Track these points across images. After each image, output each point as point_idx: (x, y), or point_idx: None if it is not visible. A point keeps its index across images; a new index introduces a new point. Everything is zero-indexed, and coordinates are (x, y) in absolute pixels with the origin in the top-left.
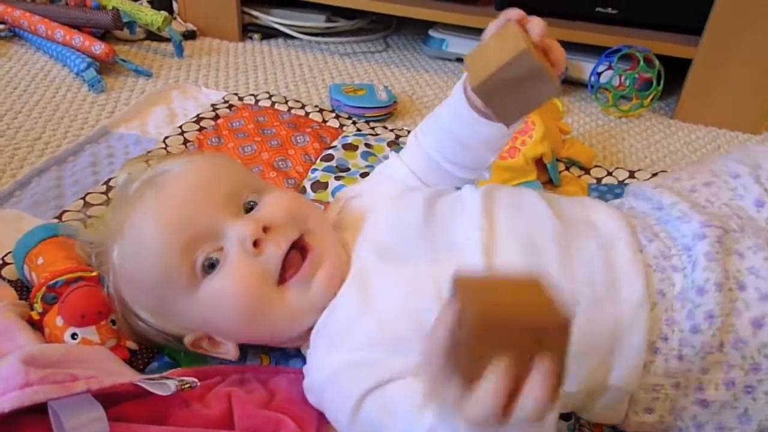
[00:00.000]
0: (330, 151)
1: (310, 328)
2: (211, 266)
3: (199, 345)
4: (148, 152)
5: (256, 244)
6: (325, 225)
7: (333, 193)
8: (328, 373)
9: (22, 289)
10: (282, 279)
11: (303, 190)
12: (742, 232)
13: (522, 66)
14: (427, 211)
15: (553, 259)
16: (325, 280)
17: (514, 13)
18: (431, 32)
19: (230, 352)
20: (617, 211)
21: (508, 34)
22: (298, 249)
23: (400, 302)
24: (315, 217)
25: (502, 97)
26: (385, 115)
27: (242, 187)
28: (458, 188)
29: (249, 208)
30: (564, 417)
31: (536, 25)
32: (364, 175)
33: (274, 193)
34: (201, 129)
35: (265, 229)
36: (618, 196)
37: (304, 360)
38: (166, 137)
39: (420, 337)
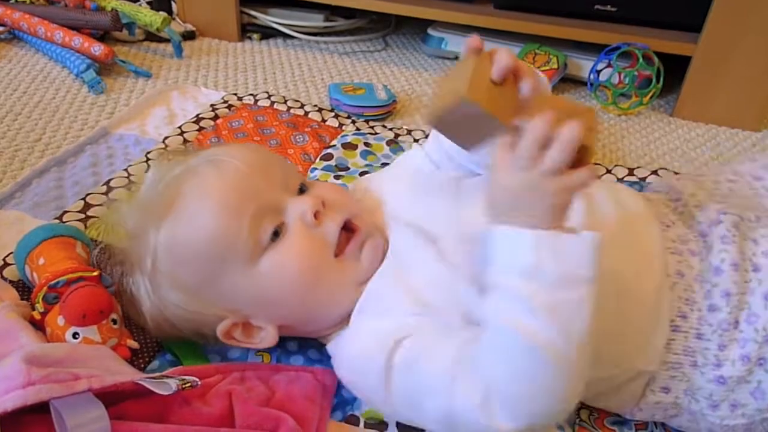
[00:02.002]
0: (329, 151)
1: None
2: (273, 237)
3: (231, 335)
4: (161, 149)
5: (315, 216)
6: (366, 212)
7: None
8: (358, 340)
9: (24, 289)
10: (336, 253)
11: None
12: (758, 221)
13: (466, 110)
14: (455, 192)
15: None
16: (371, 252)
17: (474, 43)
18: (430, 31)
19: (268, 337)
20: (639, 194)
21: (464, 70)
22: (345, 230)
23: (433, 277)
24: (357, 205)
25: (453, 131)
26: (385, 114)
27: (294, 174)
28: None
29: (301, 191)
30: None
31: (500, 58)
32: (363, 173)
33: (321, 183)
34: (200, 129)
35: (323, 204)
36: None
37: (304, 357)
38: (166, 138)
39: (447, 305)
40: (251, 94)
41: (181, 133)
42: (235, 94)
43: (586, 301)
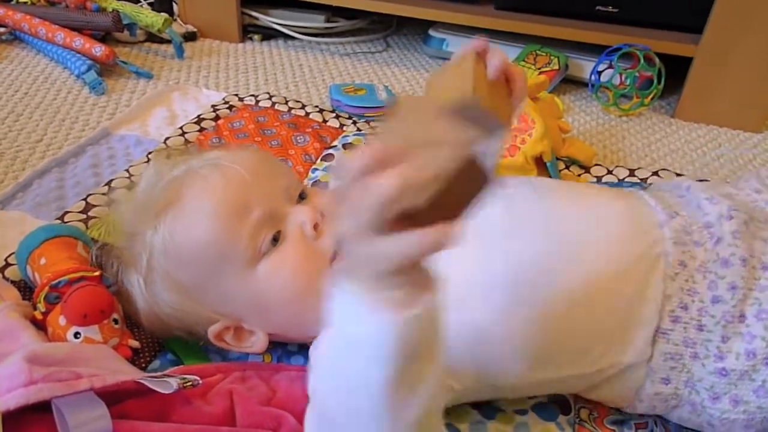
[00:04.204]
0: (330, 151)
1: None
2: (271, 244)
3: (222, 338)
4: (159, 150)
5: (314, 227)
6: None
7: None
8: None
9: (25, 289)
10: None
11: None
12: (766, 222)
13: (468, 107)
14: None
15: (578, 223)
16: None
17: (474, 45)
18: (431, 32)
19: (258, 343)
20: (636, 191)
21: (463, 70)
22: None
23: None
24: None
25: None
26: None
27: (295, 182)
28: None
29: (300, 199)
30: (564, 411)
31: (494, 58)
32: None
33: (320, 191)
34: (201, 130)
35: (321, 216)
36: None
37: (305, 357)
38: (167, 138)
39: None
40: (252, 95)
41: (183, 134)
42: (236, 95)
43: (370, 380)
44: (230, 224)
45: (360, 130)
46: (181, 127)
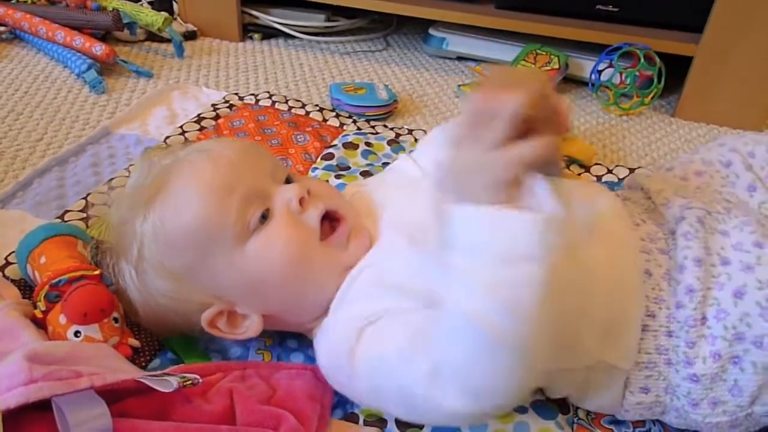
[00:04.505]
0: (330, 150)
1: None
2: (260, 221)
3: (216, 324)
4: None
5: (300, 203)
6: (352, 207)
7: None
8: (335, 327)
9: (26, 288)
10: (320, 239)
11: None
12: (728, 213)
13: None
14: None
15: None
16: (359, 242)
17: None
18: (431, 31)
19: (252, 326)
20: (613, 193)
21: None
22: (330, 221)
23: (412, 272)
24: (343, 198)
25: None
26: (386, 114)
27: (281, 167)
28: None
29: (287, 183)
30: (563, 410)
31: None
32: (364, 173)
33: (308, 177)
34: (202, 129)
35: (307, 192)
36: None
37: (304, 355)
38: (167, 137)
39: (420, 293)
40: (252, 94)
41: (183, 133)
42: (237, 94)
43: (532, 281)
44: (218, 203)
45: (360, 129)
46: (181, 126)
